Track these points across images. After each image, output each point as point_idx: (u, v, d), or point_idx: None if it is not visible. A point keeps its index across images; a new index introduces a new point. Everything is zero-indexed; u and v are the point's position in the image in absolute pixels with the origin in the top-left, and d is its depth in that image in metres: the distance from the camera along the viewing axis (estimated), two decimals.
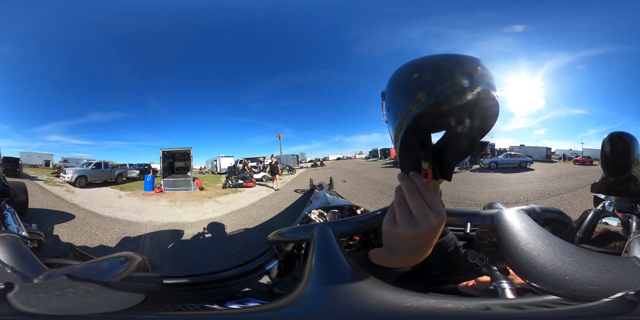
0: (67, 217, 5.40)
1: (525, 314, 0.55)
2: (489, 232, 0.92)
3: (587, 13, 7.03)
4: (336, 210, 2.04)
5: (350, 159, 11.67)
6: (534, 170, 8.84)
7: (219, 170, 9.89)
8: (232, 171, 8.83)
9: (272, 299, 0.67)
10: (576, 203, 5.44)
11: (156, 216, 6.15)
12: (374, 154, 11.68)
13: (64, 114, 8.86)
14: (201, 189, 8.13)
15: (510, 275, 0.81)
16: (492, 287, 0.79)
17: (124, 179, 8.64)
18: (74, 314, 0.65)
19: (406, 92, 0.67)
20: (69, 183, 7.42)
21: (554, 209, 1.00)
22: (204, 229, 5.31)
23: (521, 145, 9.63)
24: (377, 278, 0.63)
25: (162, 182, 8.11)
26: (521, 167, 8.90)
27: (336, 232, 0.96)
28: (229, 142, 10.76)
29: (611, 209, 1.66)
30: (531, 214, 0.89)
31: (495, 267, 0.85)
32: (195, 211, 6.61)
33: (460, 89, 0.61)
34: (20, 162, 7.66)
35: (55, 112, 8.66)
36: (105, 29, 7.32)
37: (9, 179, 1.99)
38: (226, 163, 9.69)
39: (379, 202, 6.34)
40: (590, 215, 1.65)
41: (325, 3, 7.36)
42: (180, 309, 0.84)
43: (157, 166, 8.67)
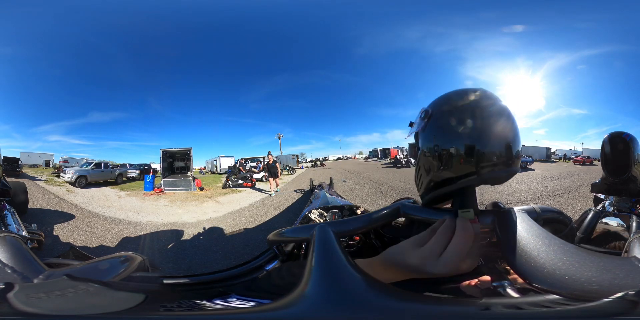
0: (67, 217, 5.40)
1: (525, 313, 0.55)
2: (489, 232, 0.92)
3: (587, 13, 7.03)
4: (336, 210, 2.04)
5: (350, 159, 11.66)
6: (533, 170, 8.83)
7: (219, 170, 9.88)
8: (232, 171, 8.82)
9: (272, 299, 0.67)
10: (576, 203, 5.43)
11: (156, 216, 6.14)
12: (374, 154, 11.65)
13: (64, 114, 8.84)
14: (201, 189, 8.13)
15: (510, 275, 0.81)
16: (492, 287, 0.78)
17: (124, 179, 8.63)
18: (74, 314, 0.65)
19: (463, 157, 0.79)
20: (69, 183, 7.42)
21: (554, 209, 1.00)
22: (204, 229, 5.31)
23: (521, 145, 9.61)
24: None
25: (162, 182, 8.10)
26: (521, 167, 8.87)
27: (336, 232, 0.96)
28: (229, 142, 10.74)
29: (611, 209, 1.66)
30: (531, 214, 0.89)
31: (495, 267, 0.85)
32: (195, 211, 6.60)
33: (507, 175, 0.82)
34: (20, 162, 7.64)
35: (56, 112, 8.64)
36: (105, 28, 7.32)
37: (9, 179, 1.99)
38: (226, 163, 9.68)
39: (379, 202, 6.34)
40: (590, 215, 1.65)
41: (325, 3, 7.36)
42: (180, 309, 0.84)
43: (157, 166, 8.66)
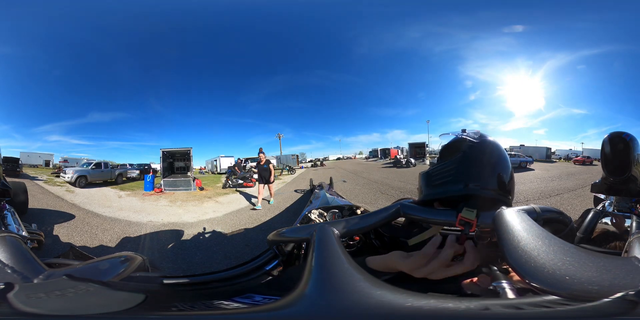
0: (67, 217, 5.40)
1: (525, 314, 0.55)
2: (489, 232, 0.92)
3: (587, 13, 7.03)
4: (336, 210, 2.04)
5: (350, 159, 11.65)
6: (534, 170, 8.84)
7: (219, 170, 9.88)
8: (232, 171, 8.82)
9: (272, 299, 0.67)
10: (576, 203, 5.43)
11: (156, 216, 6.14)
12: (374, 154, 11.64)
13: (64, 114, 8.84)
14: (201, 189, 8.13)
15: (510, 275, 0.81)
16: (492, 287, 0.78)
17: (124, 179, 8.63)
18: (74, 314, 0.65)
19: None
20: (69, 183, 7.42)
21: (554, 209, 1.00)
22: (204, 229, 5.31)
23: (521, 145, 9.61)
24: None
25: (162, 182, 8.10)
26: (521, 167, 8.89)
27: (336, 232, 0.96)
28: (229, 142, 10.74)
29: (611, 209, 1.66)
30: (531, 214, 0.89)
31: (495, 267, 0.85)
32: (195, 211, 6.60)
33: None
34: (20, 162, 7.64)
35: (56, 112, 8.64)
36: (105, 29, 7.32)
37: (9, 179, 1.99)
38: (226, 163, 9.67)
39: (379, 202, 6.34)
40: (590, 215, 1.64)
41: (325, 3, 7.36)
42: (180, 309, 0.84)
43: (157, 166, 8.66)
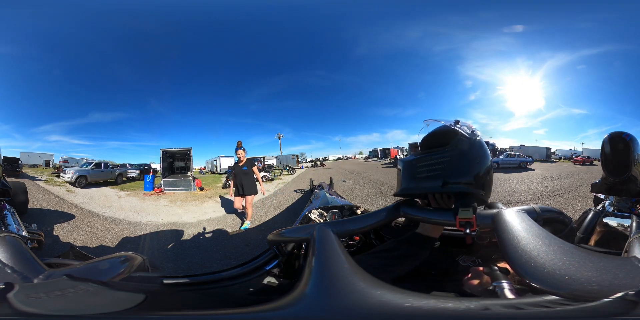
0: (67, 217, 5.40)
1: (525, 314, 0.55)
2: (489, 232, 0.92)
3: (587, 13, 7.03)
4: (336, 210, 2.04)
5: (350, 159, 11.65)
6: (534, 170, 8.83)
7: (219, 170, 9.88)
8: (232, 171, 8.81)
9: (272, 299, 0.67)
10: (576, 203, 5.43)
11: (156, 216, 6.14)
12: (374, 154, 11.64)
13: (64, 114, 8.86)
14: (201, 189, 8.12)
15: (510, 275, 0.81)
16: (492, 287, 0.78)
17: (124, 179, 8.63)
18: (74, 314, 0.65)
19: None
20: (69, 183, 7.41)
21: (554, 209, 1.00)
22: (204, 229, 5.30)
23: (521, 145, 9.61)
24: None
25: (162, 182, 8.10)
26: (521, 167, 8.89)
27: (336, 232, 0.96)
28: (229, 142, 10.76)
29: (611, 209, 1.66)
30: (531, 214, 0.89)
31: (495, 267, 0.85)
32: (195, 211, 6.60)
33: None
34: (20, 162, 7.64)
35: (56, 112, 8.65)
36: (105, 29, 7.32)
37: (9, 179, 2.00)
38: (226, 163, 9.67)
39: (379, 202, 6.33)
40: (590, 215, 1.64)
41: (325, 3, 7.36)
42: (180, 309, 0.84)
43: (157, 166, 8.66)
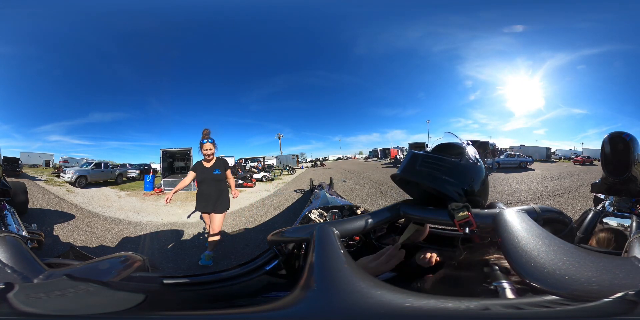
0: (67, 217, 5.39)
1: (525, 314, 0.55)
2: (489, 231, 0.92)
3: (587, 13, 7.03)
4: (336, 210, 2.04)
5: (350, 159, 11.65)
6: (534, 170, 8.83)
7: None
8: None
9: (272, 299, 0.67)
10: (576, 203, 5.43)
11: (156, 216, 6.14)
12: (374, 154, 11.64)
13: (64, 114, 8.85)
14: None
15: (510, 275, 0.81)
16: (492, 287, 0.78)
17: (124, 179, 8.63)
18: (74, 314, 0.65)
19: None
20: (69, 183, 7.41)
21: (554, 209, 1.00)
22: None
23: (521, 145, 9.60)
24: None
25: (162, 182, 8.10)
26: (521, 167, 8.89)
27: (336, 232, 0.96)
28: (229, 142, 10.75)
29: (611, 209, 1.66)
30: (531, 214, 0.89)
31: (495, 267, 0.85)
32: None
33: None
34: (20, 162, 7.64)
35: (56, 112, 8.64)
36: (105, 29, 7.32)
37: (9, 179, 2.00)
38: None
39: (379, 202, 6.33)
40: (590, 215, 1.64)
41: (325, 4, 7.36)
42: (180, 309, 0.84)
43: (157, 166, 8.65)
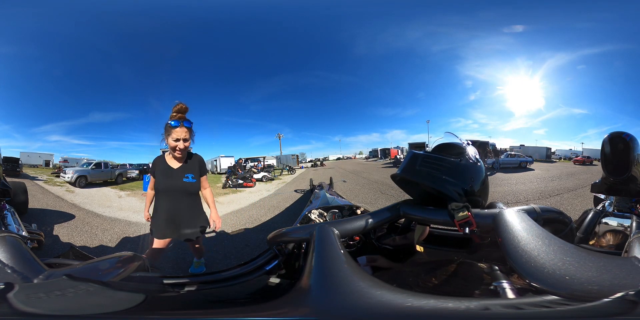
0: (67, 217, 5.39)
1: (525, 314, 0.55)
2: (489, 231, 0.92)
3: (587, 13, 7.03)
4: (336, 210, 2.04)
5: (350, 159, 11.66)
6: (534, 170, 8.83)
7: (219, 170, 9.88)
8: (232, 171, 8.81)
9: (272, 299, 0.67)
10: (576, 203, 5.43)
11: None
12: (374, 154, 11.65)
13: (64, 114, 8.87)
14: None
15: (510, 275, 0.81)
16: (492, 287, 0.78)
17: (124, 179, 8.63)
18: (74, 314, 0.65)
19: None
20: (69, 183, 7.41)
21: (554, 209, 1.00)
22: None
23: (521, 145, 9.60)
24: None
25: None
26: (521, 167, 8.89)
27: (336, 232, 0.96)
28: (229, 142, 10.77)
29: (611, 209, 1.66)
30: (531, 214, 0.89)
31: (495, 267, 0.85)
32: None
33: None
34: (20, 162, 7.64)
35: (56, 112, 8.67)
36: (105, 29, 7.33)
37: (9, 179, 2.00)
38: (226, 163, 9.67)
39: (379, 202, 6.33)
40: (590, 215, 1.65)
41: (324, 4, 7.36)
42: (180, 309, 0.84)
43: None
